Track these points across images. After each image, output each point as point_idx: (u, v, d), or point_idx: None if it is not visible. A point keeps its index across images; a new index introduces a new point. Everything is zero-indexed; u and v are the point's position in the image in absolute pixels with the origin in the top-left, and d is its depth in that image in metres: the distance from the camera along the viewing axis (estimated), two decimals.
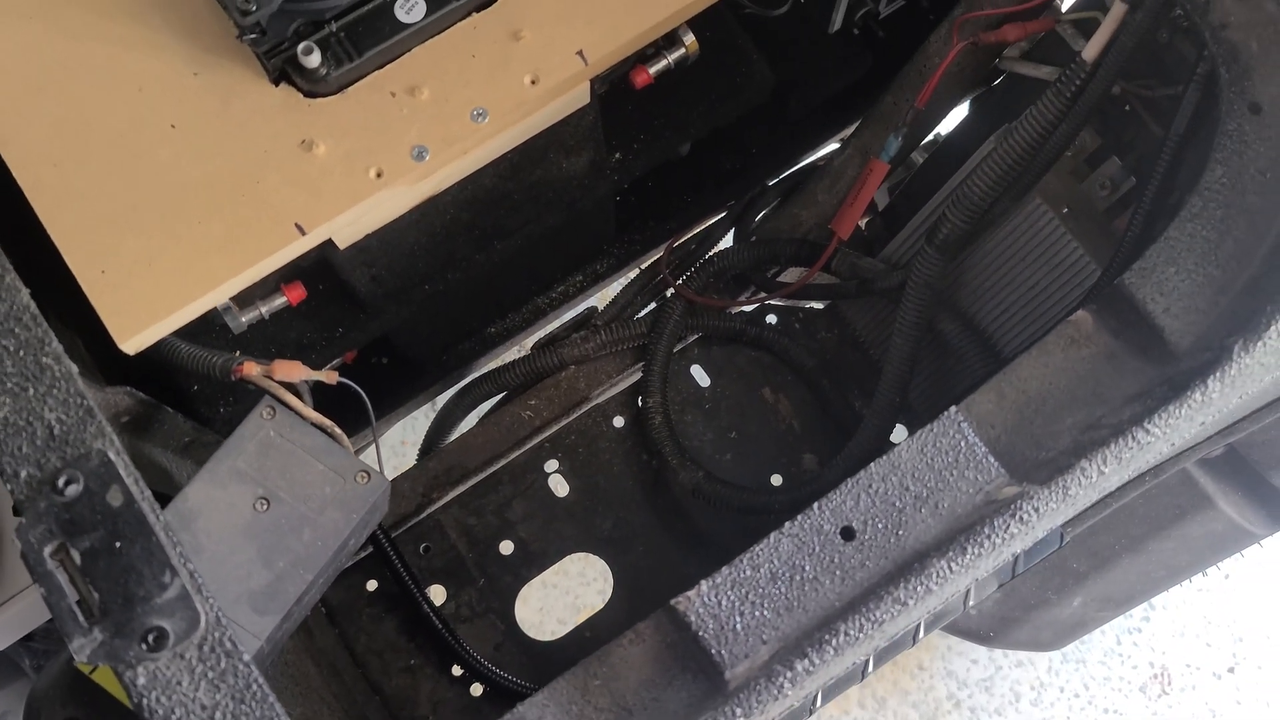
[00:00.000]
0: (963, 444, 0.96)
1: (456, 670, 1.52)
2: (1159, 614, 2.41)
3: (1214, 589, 2.42)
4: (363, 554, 1.53)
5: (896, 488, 0.95)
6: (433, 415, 1.69)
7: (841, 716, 2.39)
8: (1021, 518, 0.92)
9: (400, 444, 2.44)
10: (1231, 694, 2.37)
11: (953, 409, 0.98)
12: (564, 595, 2.37)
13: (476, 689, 1.52)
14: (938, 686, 2.39)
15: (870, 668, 1.29)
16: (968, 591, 1.28)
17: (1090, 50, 1.22)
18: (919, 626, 1.29)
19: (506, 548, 1.58)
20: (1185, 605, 2.41)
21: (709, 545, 1.59)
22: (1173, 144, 1.17)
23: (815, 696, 1.28)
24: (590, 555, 1.60)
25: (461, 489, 1.58)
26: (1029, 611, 1.58)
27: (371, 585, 1.55)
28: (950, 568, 0.91)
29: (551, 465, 1.61)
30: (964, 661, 2.39)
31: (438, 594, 1.56)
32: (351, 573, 1.54)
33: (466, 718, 1.51)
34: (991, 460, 0.96)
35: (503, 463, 1.60)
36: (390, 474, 1.19)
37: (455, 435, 1.65)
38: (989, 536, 0.92)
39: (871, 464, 0.96)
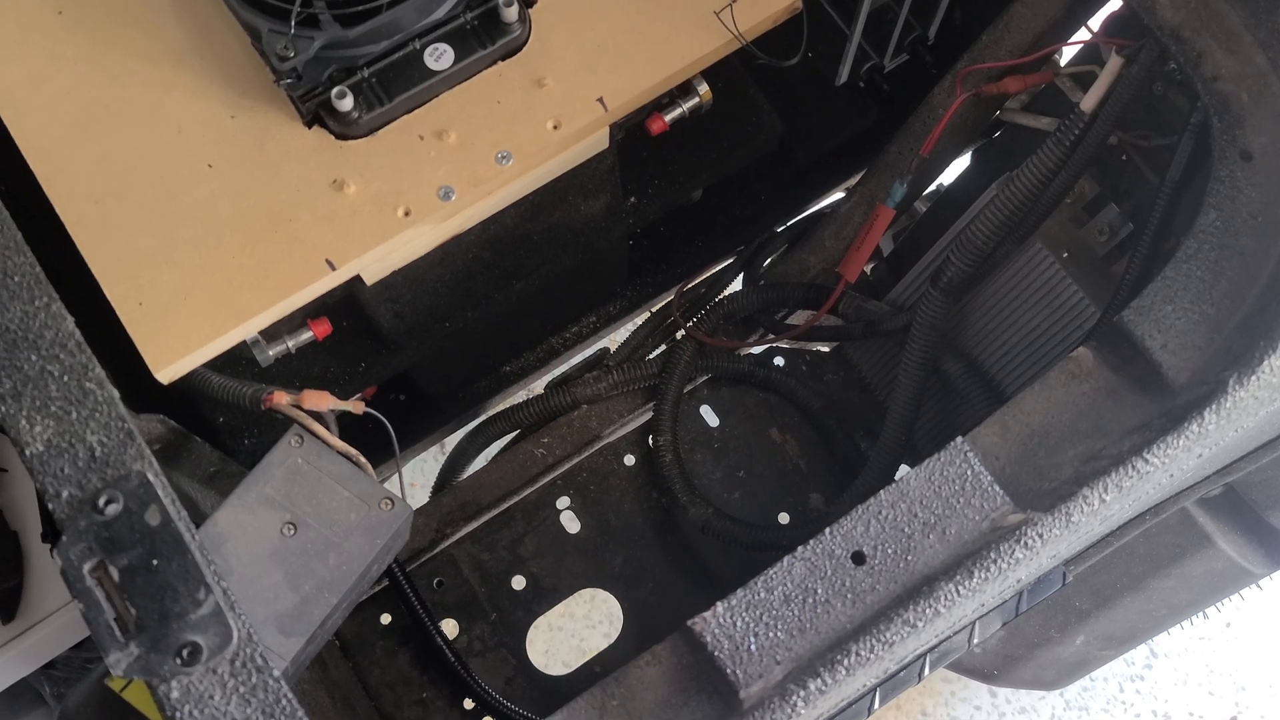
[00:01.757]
0: (969, 473, 1.00)
1: (468, 704, 1.54)
2: (1161, 662, 2.42)
3: (1216, 637, 2.43)
4: (378, 588, 1.55)
5: (905, 514, 0.98)
6: (442, 458, 1.73)
7: None
8: (1026, 543, 0.95)
9: (410, 485, 2.47)
10: None
11: (959, 439, 1.02)
12: (570, 638, 2.38)
13: None
14: None
15: (876, 704, 1.31)
16: (973, 628, 1.30)
17: (1088, 101, 1.28)
18: (924, 664, 1.31)
19: (519, 583, 1.61)
20: (1188, 653, 2.42)
21: (717, 582, 1.61)
22: (1168, 191, 1.21)
23: None
24: (599, 594, 1.63)
25: (475, 525, 1.61)
26: (1032, 650, 1.60)
27: (386, 619, 1.57)
28: (958, 591, 0.94)
29: (563, 502, 1.64)
30: (967, 709, 2.40)
31: (450, 628, 1.58)
32: (366, 606, 1.56)
33: None
34: (997, 489, 0.99)
35: (515, 499, 1.63)
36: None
37: (469, 472, 1.68)
38: (995, 561, 0.95)
39: (881, 491, 1.00)
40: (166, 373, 1.14)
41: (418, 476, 2.48)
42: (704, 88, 1.35)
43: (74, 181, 1.18)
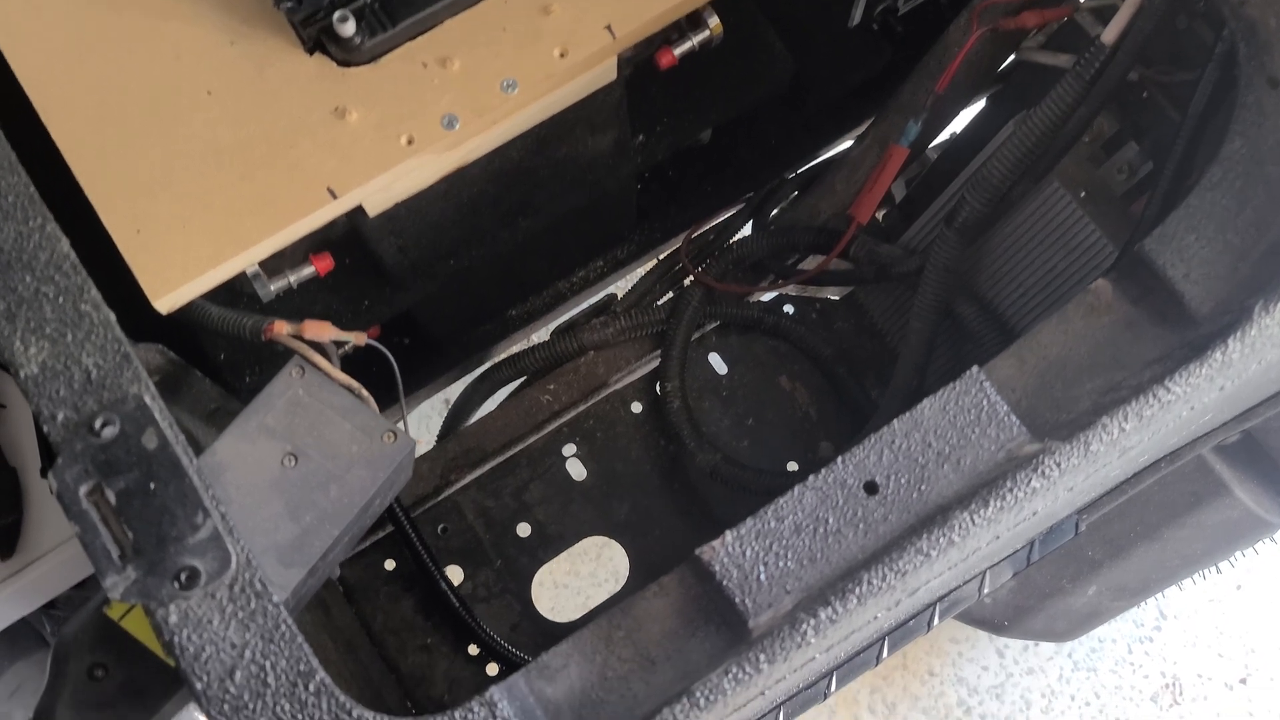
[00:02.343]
0: (985, 402, 0.98)
1: (473, 649, 1.53)
2: (1171, 624, 2.41)
3: (1226, 599, 2.41)
4: (382, 533, 1.54)
5: (919, 444, 0.96)
6: (445, 410, 1.71)
7: None
8: (1044, 472, 0.93)
9: (412, 419, 2.45)
10: (1243, 705, 2.36)
11: (975, 368, 0.99)
12: (575, 595, 2.37)
13: (492, 668, 1.53)
14: (948, 693, 2.39)
15: (885, 653, 1.29)
16: (983, 578, 1.28)
17: (1109, 33, 1.24)
18: (934, 612, 1.29)
19: (524, 530, 1.59)
20: (1197, 615, 2.40)
21: (725, 529, 1.59)
22: (1191, 124, 1.19)
23: (830, 679, 1.28)
24: (605, 550, 1.61)
25: (480, 471, 1.60)
26: (1044, 600, 1.58)
27: (390, 564, 1.56)
28: (973, 520, 0.92)
29: (569, 449, 1.62)
30: (975, 668, 2.39)
31: (455, 574, 1.57)
32: (370, 551, 1.55)
33: None
34: (1014, 419, 0.97)
35: (521, 446, 1.61)
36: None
37: (474, 419, 1.66)
38: (1011, 490, 0.93)
39: (894, 420, 0.97)
40: (165, 302, 1.12)
41: (422, 432, 2.46)
42: (714, 20, 1.32)
43: (70, 108, 1.15)
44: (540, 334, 1.70)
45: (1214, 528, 1.48)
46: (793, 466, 1.62)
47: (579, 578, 2.37)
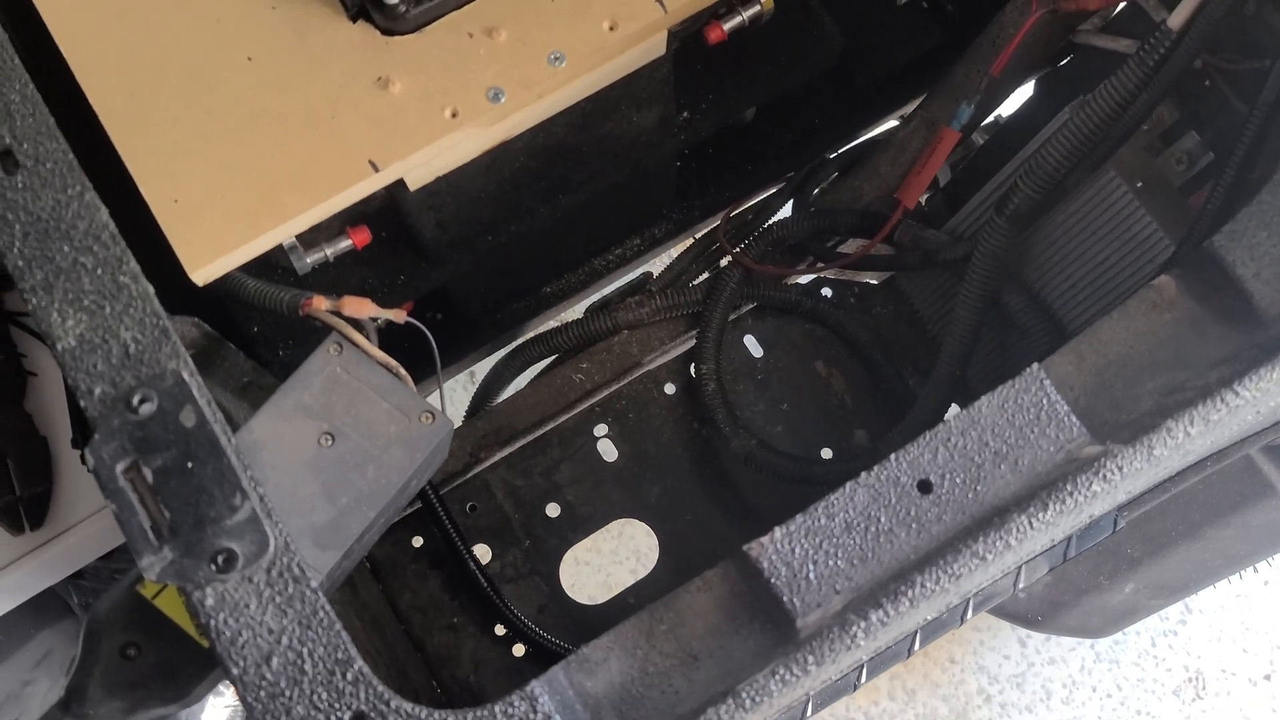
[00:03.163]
0: (1044, 401, 0.95)
1: (499, 630, 1.51)
2: (1196, 618, 2.38)
3: (1253, 594, 2.39)
4: (410, 510, 1.52)
5: (975, 443, 0.93)
6: (473, 388, 1.69)
7: (871, 707, 2.37)
8: (1105, 476, 0.90)
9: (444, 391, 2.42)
10: (1267, 701, 2.34)
11: (1035, 365, 0.96)
12: (596, 573, 2.35)
13: (519, 650, 1.51)
14: (969, 680, 2.37)
15: (917, 645, 1.27)
16: (1019, 573, 1.26)
17: (1176, 19, 1.20)
18: (968, 605, 1.27)
19: (553, 510, 1.57)
20: (1223, 610, 2.38)
21: (757, 517, 1.57)
22: (1260, 115, 1.14)
23: (860, 671, 1.26)
24: (626, 529, 1.59)
25: (510, 450, 1.58)
26: (1079, 596, 1.56)
27: (418, 542, 1.54)
28: (1031, 524, 0.89)
29: (601, 430, 1.60)
30: (996, 657, 2.37)
31: (483, 554, 1.55)
32: (398, 528, 1.53)
33: (508, 678, 1.50)
34: (1074, 419, 0.94)
35: (552, 425, 1.59)
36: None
37: (504, 396, 1.64)
38: (1071, 494, 0.90)
39: (950, 418, 0.94)
40: (202, 274, 1.09)
41: (449, 407, 2.44)
42: None
43: (108, 72, 1.12)
44: (573, 312, 1.67)
45: (1259, 528, 1.45)
46: (826, 453, 1.60)
47: (600, 555, 2.35)
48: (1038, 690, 2.33)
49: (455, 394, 2.42)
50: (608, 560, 2.34)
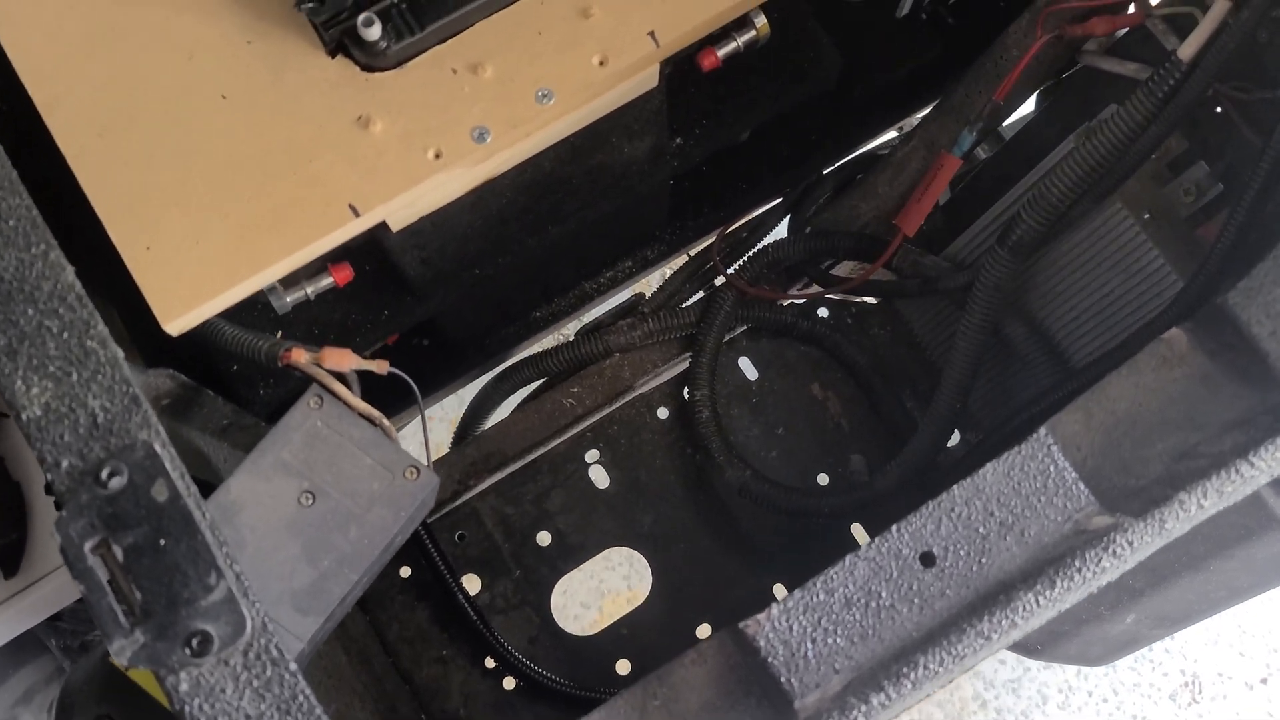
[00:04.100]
0: (1052, 469, 0.91)
1: (489, 662, 1.48)
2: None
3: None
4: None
5: (980, 513, 0.90)
6: (466, 397, 1.65)
7: None
8: (1115, 551, 0.87)
9: (429, 419, 2.39)
10: (1263, 705, 2.33)
11: (1042, 431, 0.93)
12: (588, 579, 2.33)
13: (509, 682, 1.49)
14: (964, 686, 2.36)
15: None
16: None
17: (1187, 49, 1.16)
18: None
19: (544, 539, 1.54)
20: (1220, 614, 2.36)
21: (751, 545, 1.55)
22: (1274, 151, 1.10)
23: None
24: (621, 552, 1.56)
25: (499, 476, 1.54)
26: (1079, 626, 1.53)
27: (405, 572, 1.51)
28: (1038, 601, 0.86)
29: (592, 455, 1.57)
30: (992, 662, 2.36)
31: (472, 584, 1.52)
32: (387, 563, 1.50)
33: (498, 712, 1.47)
34: (1082, 487, 0.91)
35: (542, 451, 1.55)
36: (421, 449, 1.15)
37: (492, 420, 1.60)
38: (1079, 570, 0.87)
39: (954, 487, 0.91)
40: (176, 324, 1.05)
41: (435, 410, 2.40)
42: (761, 20, 1.24)
43: (76, 111, 1.08)
44: (564, 333, 1.63)
45: (1263, 561, 1.42)
46: (823, 479, 1.57)
47: (592, 560, 2.33)
48: (1034, 696, 2.32)
49: (445, 401, 2.38)
50: (600, 566, 2.32)
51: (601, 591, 2.32)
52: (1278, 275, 0.95)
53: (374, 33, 1.07)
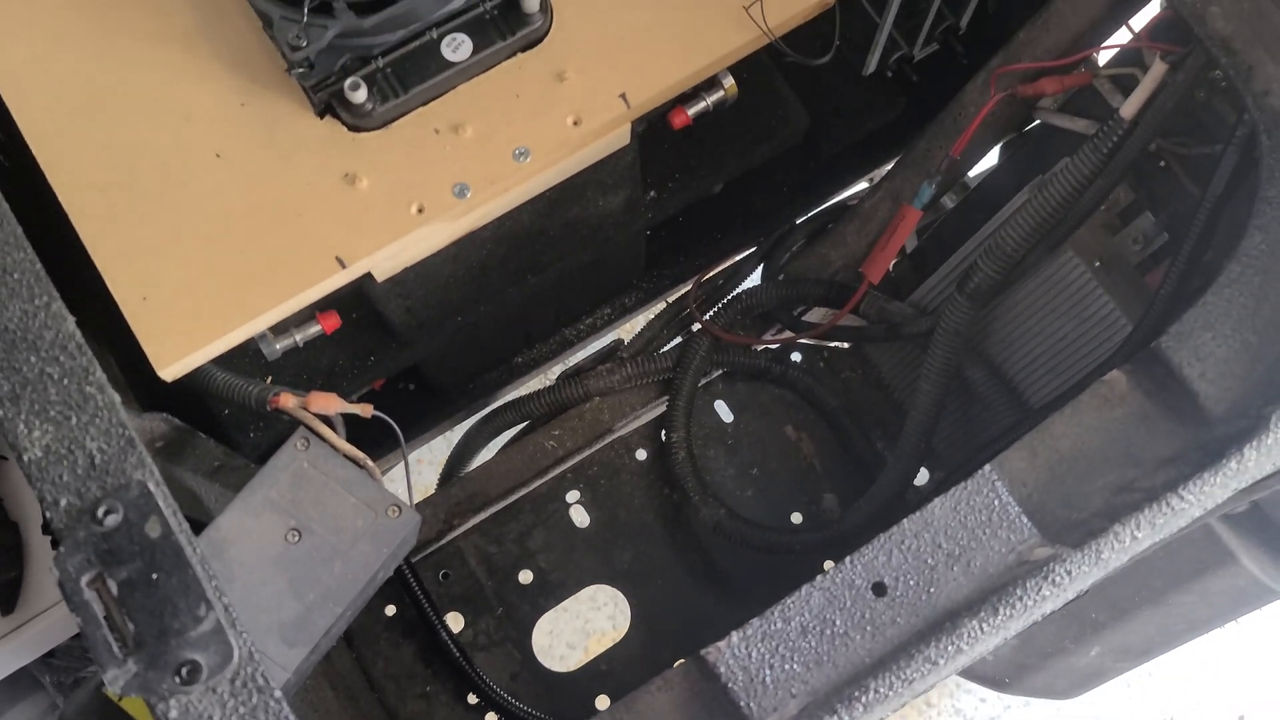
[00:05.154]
0: (996, 503, 0.97)
1: (472, 699, 1.52)
2: (1170, 657, 2.40)
3: (1225, 633, 2.41)
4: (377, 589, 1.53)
5: (929, 544, 0.95)
6: (453, 439, 1.70)
7: None
8: (1054, 580, 0.92)
9: (415, 461, 2.44)
10: None
11: (987, 468, 0.98)
12: (574, 619, 2.37)
13: (491, 718, 1.52)
14: None
15: None
16: None
17: (1129, 107, 1.23)
18: None
19: (525, 577, 1.59)
20: (1196, 650, 2.40)
21: (727, 582, 1.59)
22: (1209, 204, 1.17)
23: None
24: (607, 586, 1.61)
25: (482, 516, 1.59)
26: (1046, 659, 1.57)
27: (390, 610, 1.55)
28: (982, 628, 0.91)
29: (573, 496, 1.61)
30: (972, 700, 2.39)
31: (456, 621, 1.56)
32: (371, 597, 1.54)
33: None
34: (1025, 520, 0.96)
35: (524, 491, 1.60)
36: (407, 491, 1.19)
37: (476, 463, 1.65)
38: (1021, 598, 0.92)
39: (905, 520, 0.96)
40: (170, 370, 1.11)
41: (424, 453, 2.45)
42: (729, 81, 1.30)
43: (78, 169, 1.14)
44: (546, 378, 1.69)
45: (1220, 594, 1.47)
46: (796, 517, 1.61)
47: (578, 600, 2.36)
48: None
49: (432, 449, 2.43)
50: (585, 606, 2.36)
51: (587, 632, 2.35)
52: (1206, 320, 1.01)
53: (360, 95, 1.13)
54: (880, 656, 0.92)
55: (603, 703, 1.55)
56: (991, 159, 1.62)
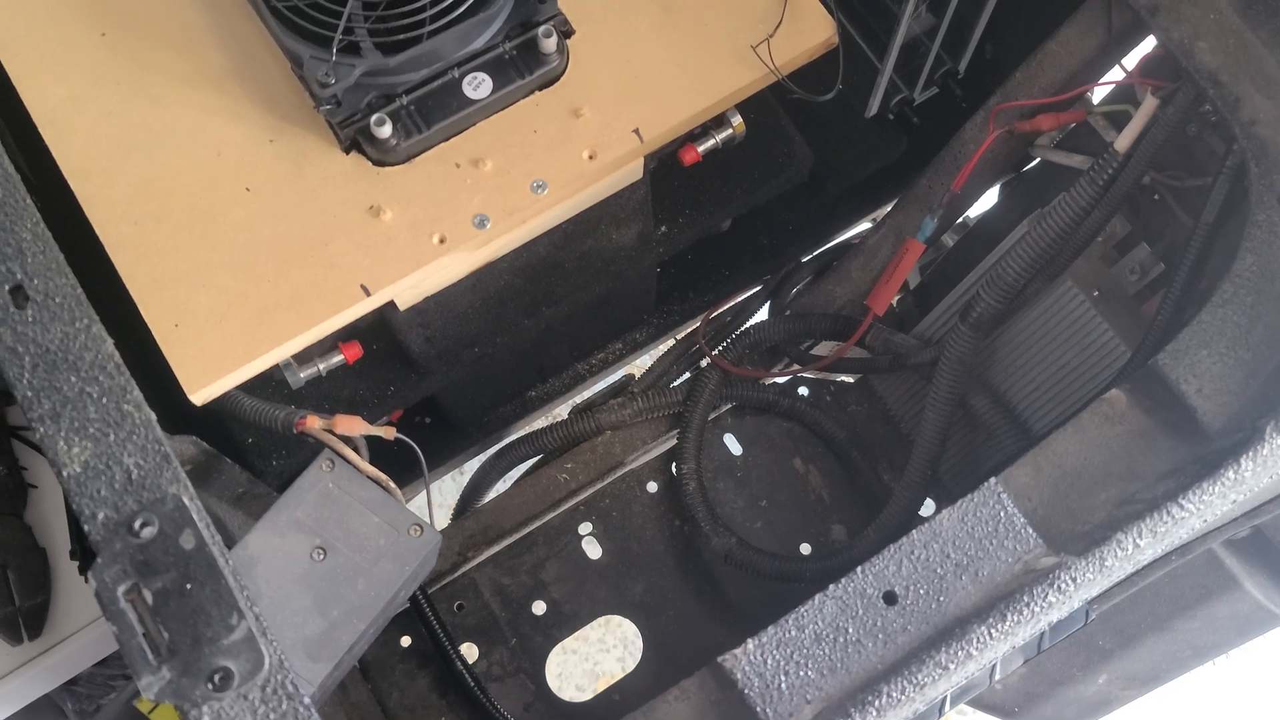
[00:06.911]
0: (1002, 514, 1.00)
1: None
2: (1167, 685, 2.41)
3: (1220, 660, 2.42)
4: (398, 610, 1.55)
5: (938, 555, 0.98)
6: (461, 480, 1.73)
7: None
8: (1060, 587, 0.95)
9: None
10: None
11: (992, 480, 1.01)
12: (583, 661, 2.38)
13: None
14: None
15: None
16: (994, 666, 1.30)
17: (1122, 141, 1.28)
18: (945, 700, 1.31)
19: (539, 608, 1.61)
20: (1194, 677, 2.41)
21: (738, 612, 1.61)
22: (1202, 233, 1.21)
23: None
24: (613, 620, 1.63)
25: (497, 549, 1.61)
26: (1054, 688, 1.59)
27: (406, 641, 1.57)
28: (990, 634, 0.94)
29: (586, 528, 1.64)
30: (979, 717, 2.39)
31: (470, 652, 1.58)
32: (387, 628, 1.55)
33: None
34: (1030, 531, 0.99)
35: (538, 524, 1.63)
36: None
37: (490, 496, 1.68)
38: (1028, 605, 0.95)
39: (914, 531, 0.99)
40: (200, 395, 1.14)
41: (436, 497, 2.47)
42: (737, 119, 1.36)
43: (113, 203, 1.19)
44: (558, 412, 1.72)
45: (1224, 620, 1.49)
46: (805, 549, 1.64)
47: (588, 643, 2.37)
48: None
49: (445, 484, 2.46)
50: (595, 648, 2.37)
51: (596, 674, 2.36)
52: (1201, 339, 1.05)
53: (385, 131, 1.18)
54: (892, 663, 0.94)
55: None
56: (991, 198, 1.67)
